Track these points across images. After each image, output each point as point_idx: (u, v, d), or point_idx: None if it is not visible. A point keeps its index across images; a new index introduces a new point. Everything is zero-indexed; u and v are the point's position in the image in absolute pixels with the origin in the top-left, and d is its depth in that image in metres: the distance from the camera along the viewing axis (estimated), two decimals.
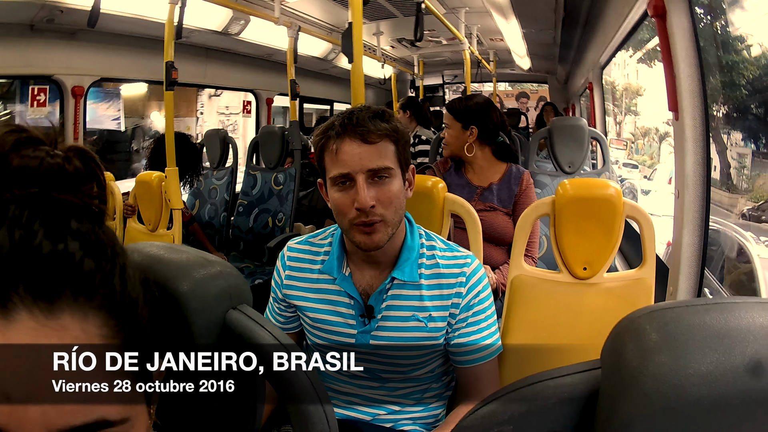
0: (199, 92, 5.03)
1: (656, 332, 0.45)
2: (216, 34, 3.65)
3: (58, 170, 0.45)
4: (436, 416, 1.38)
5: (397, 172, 1.21)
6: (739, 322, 0.43)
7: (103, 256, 0.44)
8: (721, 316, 0.44)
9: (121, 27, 3.25)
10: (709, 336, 0.43)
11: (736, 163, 4.63)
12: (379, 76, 5.56)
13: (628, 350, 0.46)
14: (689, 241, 1.84)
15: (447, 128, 2.25)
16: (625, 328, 0.48)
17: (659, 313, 0.46)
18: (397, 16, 4.35)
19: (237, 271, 0.69)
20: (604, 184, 1.52)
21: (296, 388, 0.64)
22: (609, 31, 3.47)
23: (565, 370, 0.52)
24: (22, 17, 2.79)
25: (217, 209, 3.59)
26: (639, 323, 0.47)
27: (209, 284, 0.64)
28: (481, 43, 5.63)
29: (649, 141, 11.84)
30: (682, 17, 1.75)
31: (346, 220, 1.20)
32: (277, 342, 0.64)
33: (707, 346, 0.42)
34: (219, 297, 0.65)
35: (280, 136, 3.40)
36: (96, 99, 6.66)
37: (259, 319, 0.65)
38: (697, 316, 0.45)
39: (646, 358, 0.44)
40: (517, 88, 11.28)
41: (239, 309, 0.66)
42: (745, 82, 4.45)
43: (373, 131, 1.17)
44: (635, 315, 0.48)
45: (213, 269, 0.65)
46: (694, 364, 0.42)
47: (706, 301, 0.46)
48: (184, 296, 0.62)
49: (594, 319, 1.52)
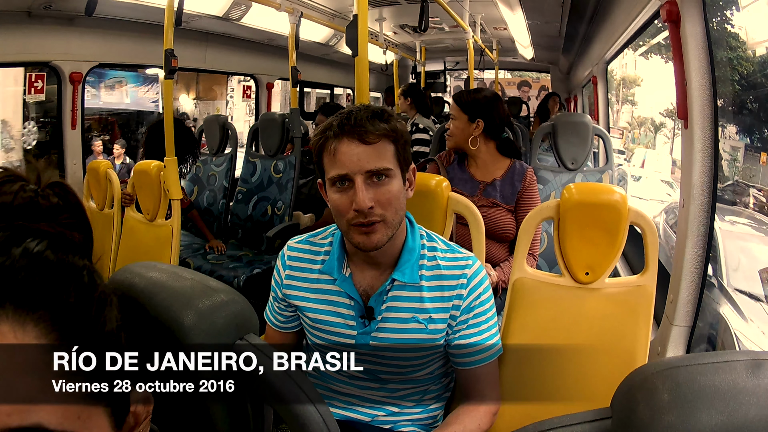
0: (230, 77, 5.10)
1: (668, 392, 0.46)
2: (217, 19, 3.61)
3: (31, 203, 0.49)
4: (434, 417, 1.38)
5: (396, 172, 1.19)
6: (745, 384, 0.45)
7: (58, 276, 0.46)
8: (729, 377, 0.45)
9: (119, 12, 3.22)
10: (716, 397, 0.44)
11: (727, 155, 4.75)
12: (381, 62, 5.51)
13: (640, 408, 0.47)
14: (692, 252, 1.83)
15: (453, 119, 2.23)
16: (638, 384, 0.49)
17: (673, 372, 0.47)
18: (400, 3, 4.31)
19: (242, 297, 0.67)
20: (610, 190, 1.50)
21: (307, 424, 0.63)
22: (617, 28, 3.43)
23: (577, 418, 0.52)
24: (20, 4, 2.76)
25: (215, 196, 3.57)
26: (652, 381, 0.48)
27: (215, 315, 0.62)
28: (485, 32, 5.58)
29: (645, 131, 11.91)
30: (696, 25, 1.71)
31: (345, 221, 1.18)
32: (287, 377, 0.63)
33: (714, 408, 0.44)
34: (226, 328, 0.63)
35: (280, 124, 3.37)
36: (136, 83, 7.37)
37: (266, 351, 0.64)
38: (708, 377, 0.46)
39: (657, 416, 0.45)
40: (518, 76, 11.22)
41: (246, 339, 0.64)
42: (738, 78, 4.47)
43: (372, 131, 1.15)
44: (649, 371, 0.49)
45: (217, 298, 0.63)
46: (701, 426, 0.43)
47: (715, 359, 0.48)
48: (189, 330, 0.60)
49: (594, 324, 1.52)
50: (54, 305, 0.45)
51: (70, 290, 0.46)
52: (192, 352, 0.60)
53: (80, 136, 3.46)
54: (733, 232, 3.37)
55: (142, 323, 0.59)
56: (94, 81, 6.90)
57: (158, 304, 0.61)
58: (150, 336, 0.61)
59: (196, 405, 0.64)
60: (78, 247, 0.50)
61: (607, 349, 1.51)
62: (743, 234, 3.42)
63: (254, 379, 0.63)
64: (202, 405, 0.63)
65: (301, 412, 0.63)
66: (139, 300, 0.62)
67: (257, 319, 0.67)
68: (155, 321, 0.61)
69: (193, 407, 0.65)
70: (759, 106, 4.66)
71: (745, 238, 3.13)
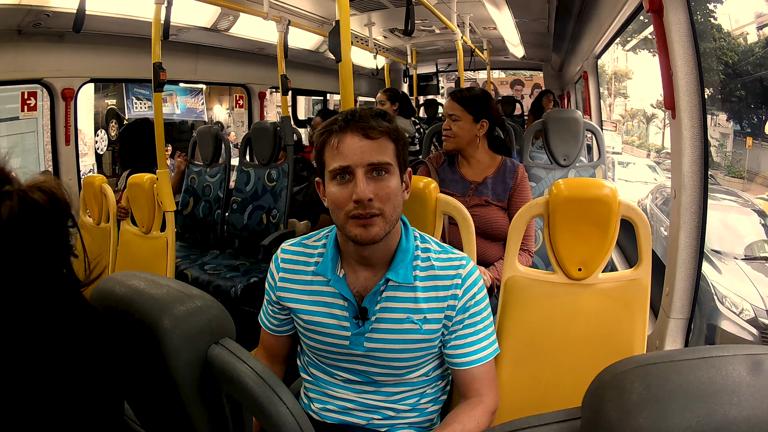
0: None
1: (638, 392, 0.43)
2: (205, 30, 3.62)
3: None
4: (431, 420, 1.38)
5: (395, 170, 1.21)
6: (724, 382, 0.42)
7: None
8: (706, 375, 0.43)
9: (109, 27, 3.23)
10: (691, 397, 0.42)
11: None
12: (372, 67, 5.52)
13: (608, 407, 0.44)
14: (686, 242, 1.82)
15: (456, 120, 2.18)
16: (607, 383, 0.47)
17: (643, 370, 0.45)
18: (388, 7, 4.31)
19: (218, 303, 0.67)
20: (599, 185, 1.49)
21: (281, 425, 0.63)
22: (603, 22, 3.43)
23: (546, 419, 0.51)
24: (10, 22, 2.77)
25: (211, 206, 3.57)
26: (621, 380, 0.45)
27: (190, 320, 0.63)
28: (474, 32, 5.59)
29: (638, 122, 12.03)
30: (679, 13, 1.71)
31: (343, 213, 1.18)
32: (259, 379, 0.63)
33: (688, 409, 0.41)
34: (201, 333, 0.64)
35: (272, 132, 3.37)
36: (185, 95, 8.42)
37: (241, 354, 0.64)
38: (683, 374, 0.43)
39: (625, 417, 0.43)
40: (510, 75, 11.26)
41: (221, 344, 0.65)
42: (723, 67, 4.53)
43: (375, 127, 1.18)
44: (618, 369, 0.47)
45: (192, 304, 0.64)
46: (674, 425, 0.40)
47: (693, 355, 0.45)
48: (165, 334, 0.60)
49: (589, 320, 1.51)
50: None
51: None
52: (169, 355, 0.60)
53: (75, 152, 3.47)
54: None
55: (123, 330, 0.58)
56: (148, 94, 7.68)
57: (137, 310, 0.62)
58: (130, 342, 0.61)
59: (176, 410, 0.64)
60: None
61: (603, 344, 1.49)
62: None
63: (229, 382, 0.63)
64: (182, 410, 0.63)
65: (275, 414, 0.63)
66: (118, 307, 0.62)
67: (233, 325, 0.68)
68: (136, 327, 0.61)
69: (174, 412, 0.65)
70: (744, 93, 4.74)
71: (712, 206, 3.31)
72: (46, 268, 0.47)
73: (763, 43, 4.29)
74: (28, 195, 0.46)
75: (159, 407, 0.66)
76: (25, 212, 0.46)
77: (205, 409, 0.64)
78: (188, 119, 8.85)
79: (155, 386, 0.64)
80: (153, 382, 0.63)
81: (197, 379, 0.63)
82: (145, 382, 0.63)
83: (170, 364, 0.61)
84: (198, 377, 0.63)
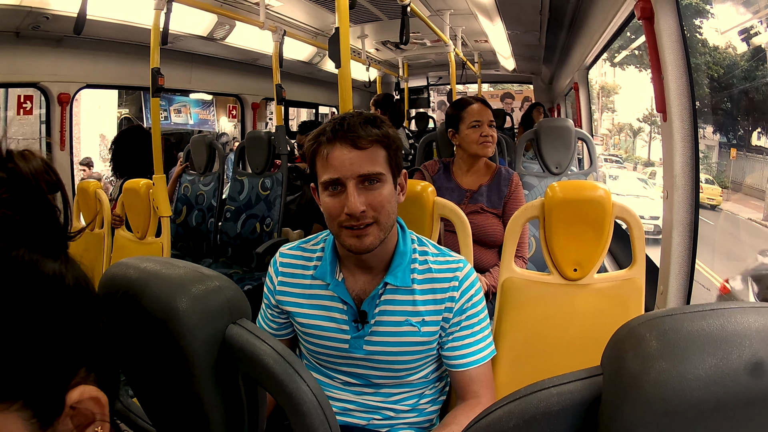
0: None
1: (656, 339, 0.45)
2: (201, 39, 3.63)
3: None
4: (431, 421, 1.38)
5: (388, 177, 1.20)
6: (735, 327, 0.44)
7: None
8: (717, 321, 0.45)
9: (106, 33, 3.24)
10: (707, 341, 0.43)
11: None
12: (364, 79, 5.56)
13: (628, 357, 0.46)
14: (679, 241, 1.85)
15: (493, 126, 2.24)
16: (624, 336, 0.48)
17: (658, 321, 0.47)
18: (381, 19, 4.35)
19: (234, 284, 0.68)
20: (593, 186, 1.52)
21: (301, 403, 0.64)
22: (594, 32, 3.49)
23: (567, 377, 0.53)
24: (8, 24, 2.77)
25: (204, 215, 3.56)
26: (639, 331, 0.47)
27: (208, 300, 0.63)
28: (466, 45, 5.65)
29: (625, 136, 12.21)
30: (669, 19, 1.76)
31: (336, 224, 1.19)
32: (280, 357, 0.63)
33: (706, 352, 0.43)
34: (219, 312, 0.64)
35: (266, 141, 3.38)
36: (197, 107, 8.87)
37: (259, 333, 0.65)
38: (695, 323, 0.45)
39: (647, 364, 0.44)
40: (500, 89, 11.36)
41: (239, 323, 0.65)
42: (708, 81, 4.65)
43: (364, 137, 1.16)
44: (634, 323, 0.48)
45: (211, 284, 0.64)
46: (694, 369, 0.42)
47: (703, 308, 0.46)
48: (183, 313, 0.61)
49: (586, 320, 1.53)
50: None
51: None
52: (184, 336, 0.60)
53: (69, 157, 3.46)
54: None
55: (134, 313, 0.59)
56: (165, 105, 8.21)
57: (152, 291, 0.62)
58: (142, 326, 0.62)
59: (187, 396, 0.64)
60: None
61: (600, 344, 1.49)
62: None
63: (248, 362, 0.63)
64: (194, 395, 0.64)
65: (295, 391, 0.63)
66: (133, 290, 0.63)
67: (249, 307, 0.68)
68: (147, 311, 0.62)
69: (184, 399, 0.65)
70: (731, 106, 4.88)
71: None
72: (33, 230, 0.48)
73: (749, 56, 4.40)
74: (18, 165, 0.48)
75: (168, 394, 0.66)
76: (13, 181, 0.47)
77: (219, 391, 0.65)
78: (202, 129, 9.26)
79: (167, 371, 0.64)
80: (165, 367, 0.64)
81: (214, 360, 0.63)
82: (156, 367, 0.63)
83: (185, 344, 0.62)
84: (215, 358, 0.63)
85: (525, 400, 0.53)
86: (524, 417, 0.52)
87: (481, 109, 2.25)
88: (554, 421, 0.51)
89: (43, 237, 0.47)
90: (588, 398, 0.51)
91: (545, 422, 0.51)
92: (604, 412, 0.48)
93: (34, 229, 0.47)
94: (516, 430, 0.52)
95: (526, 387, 0.54)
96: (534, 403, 0.52)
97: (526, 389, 0.54)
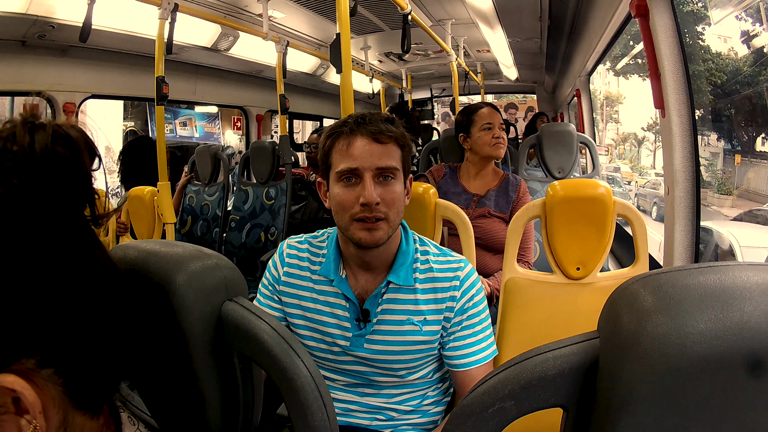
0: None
1: (651, 295, 0.44)
2: (205, 50, 3.67)
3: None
4: (434, 422, 1.37)
5: (400, 175, 1.23)
6: (733, 281, 0.43)
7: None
8: (714, 276, 0.44)
9: (112, 43, 3.26)
10: (705, 295, 0.42)
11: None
12: (368, 91, 5.58)
13: (624, 315, 0.45)
14: (681, 237, 1.84)
15: (503, 129, 2.28)
16: (619, 295, 0.47)
17: (653, 278, 0.46)
18: (384, 30, 4.39)
19: (232, 263, 0.68)
20: (594, 184, 1.52)
21: (294, 378, 0.63)
22: (594, 37, 3.51)
23: (564, 342, 0.52)
24: (15, 33, 2.79)
25: (209, 225, 3.57)
26: (633, 289, 0.46)
27: (205, 276, 0.63)
28: (468, 55, 5.68)
29: (629, 146, 12.23)
30: (664, 15, 1.78)
31: (348, 216, 1.20)
32: (275, 333, 0.63)
33: (704, 304, 0.42)
34: (215, 289, 0.64)
35: (270, 151, 3.40)
36: (202, 120, 9.04)
37: (255, 310, 0.65)
38: (691, 278, 0.44)
39: (644, 319, 0.43)
40: (504, 99, 11.39)
41: (235, 300, 0.65)
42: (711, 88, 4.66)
43: (385, 132, 1.20)
44: (629, 282, 0.48)
45: (209, 261, 0.65)
46: (693, 323, 0.41)
47: (699, 265, 0.45)
48: (180, 288, 0.61)
49: (589, 319, 1.49)
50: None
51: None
52: (180, 311, 0.60)
53: None
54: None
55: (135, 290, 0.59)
56: (171, 117, 8.31)
57: (151, 267, 0.62)
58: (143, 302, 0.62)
59: (182, 375, 0.64)
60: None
61: None
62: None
63: (242, 338, 0.63)
64: (190, 373, 0.63)
65: (289, 366, 0.63)
66: (133, 269, 0.63)
67: (246, 286, 0.68)
68: (147, 284, 0.62)
69: (180, 378, 0.65)
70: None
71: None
72: (70, 207, 0.47)
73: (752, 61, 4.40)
74: (62, 128, 0.46)
75: (165, 375, 0.66)
76: (58, 145, 0.46)
77: (215, 369, 0.64)
78: (207, 142, 9.39)
79: (162, 349, 0.64)
80: (161, 345, 0.63)
81: (210, 338, 0.63)
82: (152, 346, 0.63)
83: (182, 320, 0.62)
84: (211, 335, 0.63)
85: (520, 366, 0.52)
86: (520, 383, 0.52)
87: (492, 112, 2.29)
88: (551, 387, 0.51)
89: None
90: (585, 362, 0.50)
91: (542, 388, 0.51)
92: (603, 374, 0.47)
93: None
94: (512, 397, 0.51)
95: (522, 353, 0.54)
96: (529, 368, 0.52)
97: (522, 355, 0.53)
